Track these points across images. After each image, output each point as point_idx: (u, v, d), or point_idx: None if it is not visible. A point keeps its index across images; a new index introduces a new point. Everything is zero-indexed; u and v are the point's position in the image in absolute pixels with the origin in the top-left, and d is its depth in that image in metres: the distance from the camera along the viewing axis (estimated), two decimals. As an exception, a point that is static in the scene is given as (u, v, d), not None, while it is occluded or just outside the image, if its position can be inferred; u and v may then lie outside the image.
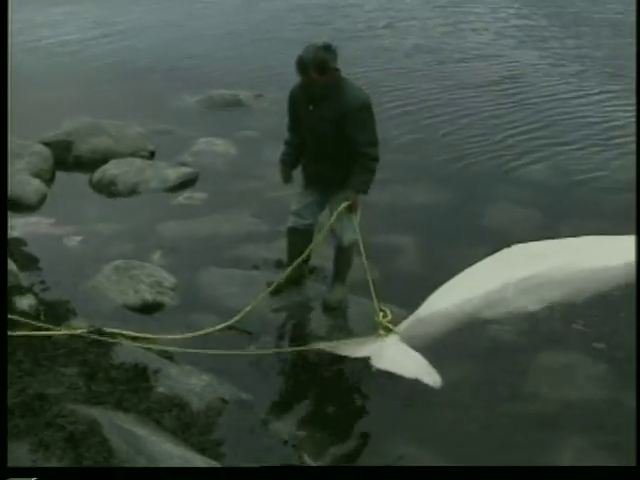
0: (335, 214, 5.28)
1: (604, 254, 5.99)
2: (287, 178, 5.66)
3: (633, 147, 8.64)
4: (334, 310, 5.58)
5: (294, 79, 5.31)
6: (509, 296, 5.55)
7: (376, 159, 5.18)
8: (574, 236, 6.32)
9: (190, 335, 5.15)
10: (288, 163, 5.60)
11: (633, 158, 8.35)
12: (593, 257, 5.95)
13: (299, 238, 5.61)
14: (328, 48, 5.00)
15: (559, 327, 5.52)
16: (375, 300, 5.14)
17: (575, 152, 8.82)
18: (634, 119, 9.60)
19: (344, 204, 5.22)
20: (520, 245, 6.05)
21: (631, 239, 5.84)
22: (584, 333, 5.44)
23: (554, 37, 14.27)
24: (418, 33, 14.76)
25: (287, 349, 5.22)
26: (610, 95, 10.84)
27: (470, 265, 5.83)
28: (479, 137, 9.24)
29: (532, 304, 5.56)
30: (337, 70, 5.06)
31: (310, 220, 5.58)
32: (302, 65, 4.96)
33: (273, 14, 16.49)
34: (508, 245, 6.04)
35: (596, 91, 11.05)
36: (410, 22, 15.60)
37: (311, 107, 5.16)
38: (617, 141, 9.10)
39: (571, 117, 9.96)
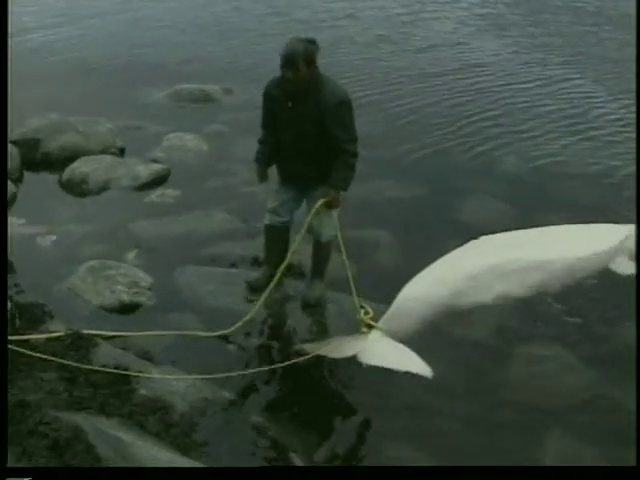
0: (313, 211, 5.25)
1: (573, 243, 6.09)
2: (263, 177, 5.62)
3: (592, 134, 8.78)
4: (314, 307, 5.56)
5: (261, 72, 5.28)
6: (482, 283, 5.61)
7: (356, 155, 5.15)
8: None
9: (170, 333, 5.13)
10: (263, 162, 5.56)
11: (593, 144, 8.52)
12: (564, 246, 6.03)
13: (276, 235, 5.59)
14: (313, 42, 4.98)
15: (532, 315, 5.60)
16: (355, 297, 5.13)
17: (537, 139, 8.93)
18: (596, 107, 9.81)
19: (321, 200, 5.21)
20: (489, 236, 6.13)
21: (600, 227, 5.98)
22: (557, 322, 5.51)
23: (515, 25, 14.41)
24: (379, 23, 14.84)
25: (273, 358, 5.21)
26: (572, 83, 10.98)
27: (443, 257, 5.89)
28: (443, 126, 9.30)
29: (505, 290, 5.62)
30: (316, 67, 5.03)
31: (287, 217, 5.56)
32: (290, 58, 4.90)
33: (236, 5, 16.46)
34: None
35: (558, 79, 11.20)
36: (371, 12, 15.68)
37: (290, 104, 5.11)
38: (577, 128, 9.22)
39: (531, 105, 10.08)
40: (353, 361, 4.86)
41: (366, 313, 5.13)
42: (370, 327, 5.06)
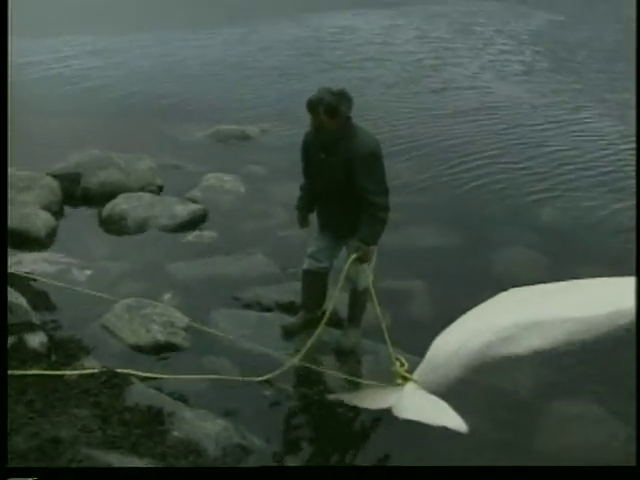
0: (348, 262, 5.24)
1: (604, 296, 6.05)
2: (303, 223, 5.67)
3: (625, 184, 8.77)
4: (348, 355, 5.54)
5: (297, 115, 5.33)
6: (513, 336, 5.60)
7: (386, 208, 5.11)
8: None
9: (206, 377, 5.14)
10: (304, 208, 5.61)
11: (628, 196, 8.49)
12: (594, 299, 6.01)
13: (314, 281, 5.60)
14: (342, 94, 5.00)
15: (563, 368, 5.53)
16: (390, 348, 5.11)
17: (573, 190, 8.99)
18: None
19: (353, 256, 5.20)
20: (519, 288, 6.13)
21: (631, 280, 5.92)
22: (587, 376, 5.44)
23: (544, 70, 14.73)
24: (405, 66, 15.43)
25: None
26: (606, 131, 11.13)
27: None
28: (477, 173, 9.41)
29: (535, 343, 5.59)
30: (349, 118, 5.06)
31: (325, 263, 5.57)
32: (310, 108, 5.00)
33: (265, 45, 16.90)
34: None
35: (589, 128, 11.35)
36: (399, 56, 16.34)
37: (323, 155, 5.15)
38: (611, 178, 9.30)
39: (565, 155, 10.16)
40: (387, 413, 4.81)
41: (401, 365, 5.10)
42: (405, 379, 5.02)
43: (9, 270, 6.50)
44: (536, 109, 12.51)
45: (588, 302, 5.98)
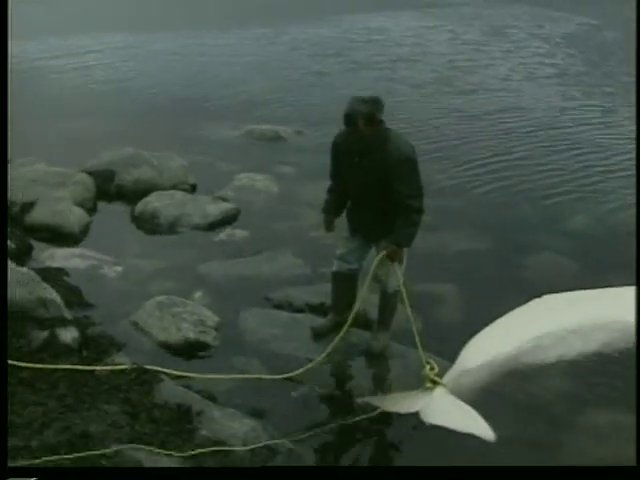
0: (375, 262, 5.27)
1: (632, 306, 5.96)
2: (329, 227, 5.63)
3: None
4: (378, 357, 5.53)
5: (329, 116, 5.32)
6: (545, 344, 5.52)
7: (420, 211, 5.12)
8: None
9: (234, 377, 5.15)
10: (330, 212, 5.58)
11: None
12: (627, 307, 5.91)
13: (344, 283, 5.59)
14: (376, 101, 5.01)
15: (595, 377, 5.47)
16: (421, 352, 5.09)
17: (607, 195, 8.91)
18: None
19: (382, 253, 5.23)
20: (552, 295, 6.02)
21: None
22: (619, 385, 5.37)
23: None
24: (435, 67, 15.54)
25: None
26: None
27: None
28: (509, 175, 9.36)
29: (567, 351, 5.52)
30: (382, 121, 5.08)
31: (355, 265, 5.56)
32: (350, 119, 4.97)
33: (294, 45, 17.03)
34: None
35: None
36: (431, 57, 16.54)
37: (357, 159, 5.14)
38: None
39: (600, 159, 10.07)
40: (416, 417, 4.79)
41: (431, 369, 5.06)
42: (435, 383, 5.00)
43: (43, 265, 6.61)
44: (566, 111, 12.45)
45: (620, 310, 5.90)
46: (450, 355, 5.37)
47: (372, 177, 5.09)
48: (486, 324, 5.69)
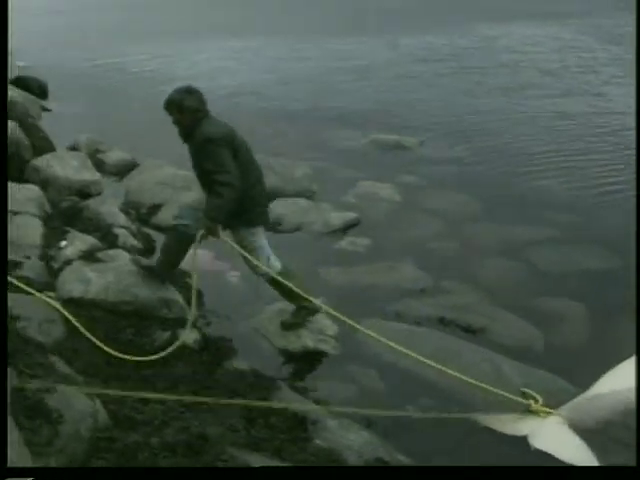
0: (197, 239, 5.45)
1: None
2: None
3: None
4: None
5: (452, 128, 5.17)
6: None
7: (224, 184, 5.24)
8: None
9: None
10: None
11: None
12: None
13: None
14: (187, 91, 5.47)
15: None
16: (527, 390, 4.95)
17: None
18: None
19: (200, 231, 5.39)
20: None
21: None
22: None
23: None
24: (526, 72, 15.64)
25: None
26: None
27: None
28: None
29: None
30: (198, 110, 5.42)
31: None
32: (166, 107, 5.46)
33: (415, 54, 17.02)
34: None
35: None
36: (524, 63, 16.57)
37: (188, 146, 5.55)
38: None
39: None
40: (523, 441, 4.62)
41: (536, 402, 4.87)
42: (546, 413, 4.79)
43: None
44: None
45: None
46: (571, 378, 5.16)
47: (194, 161, 5.52)
48: (610, 349, 5.41)
